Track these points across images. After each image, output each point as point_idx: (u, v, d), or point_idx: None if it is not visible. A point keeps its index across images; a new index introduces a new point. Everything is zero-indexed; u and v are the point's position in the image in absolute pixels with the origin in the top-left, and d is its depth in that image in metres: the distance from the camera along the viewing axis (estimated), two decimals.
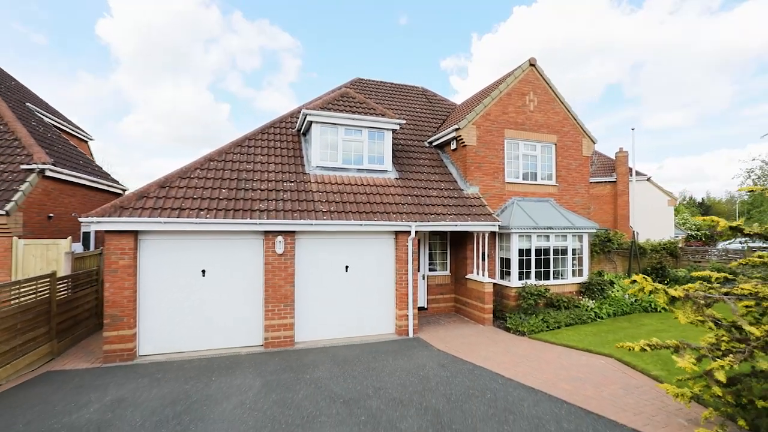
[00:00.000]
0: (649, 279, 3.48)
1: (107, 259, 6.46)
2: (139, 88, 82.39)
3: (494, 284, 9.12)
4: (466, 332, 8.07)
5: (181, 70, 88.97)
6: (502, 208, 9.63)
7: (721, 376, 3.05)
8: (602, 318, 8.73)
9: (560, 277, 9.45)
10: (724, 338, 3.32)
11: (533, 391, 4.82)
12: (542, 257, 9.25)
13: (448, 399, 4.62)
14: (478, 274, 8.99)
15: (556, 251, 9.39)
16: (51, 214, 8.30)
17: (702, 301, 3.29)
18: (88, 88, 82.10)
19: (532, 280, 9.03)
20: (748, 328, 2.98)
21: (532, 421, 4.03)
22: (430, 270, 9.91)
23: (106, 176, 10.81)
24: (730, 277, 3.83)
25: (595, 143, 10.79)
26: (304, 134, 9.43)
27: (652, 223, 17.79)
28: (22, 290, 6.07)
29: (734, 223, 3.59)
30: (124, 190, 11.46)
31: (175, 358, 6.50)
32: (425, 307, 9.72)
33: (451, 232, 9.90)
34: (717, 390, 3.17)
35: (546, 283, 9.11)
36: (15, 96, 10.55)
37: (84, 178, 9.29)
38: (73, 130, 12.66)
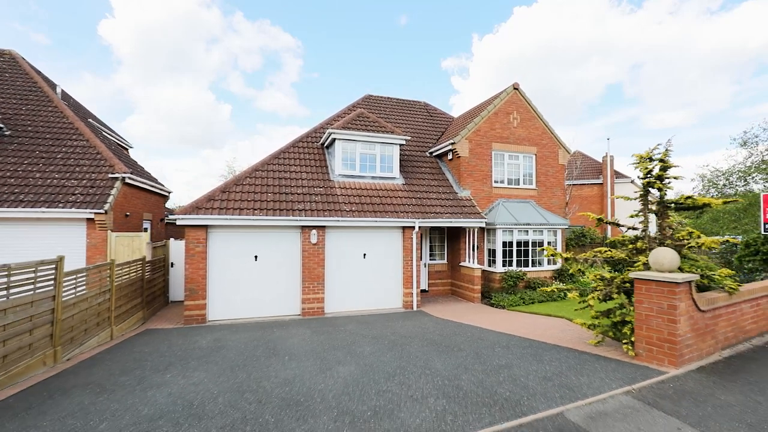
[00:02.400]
0: (552, 248, 6.19)
1: (187, 246, 9.18)
2: (141, 88, 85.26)
3: (483, 270, 11.87)
4: (458, 307, 10.81)
5: (182, 70, 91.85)
6: (490, 208, 12.38)
7: (593, 302, 5.79)
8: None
9: (538, 264, 12.19)
10: (600, 284, 6.02)
11: (499, 333, 7.55)
12: (522, 248, 11.99)
13: (440, 335, 7.36)
14: (469, 262, 11.72)
15: (534, 243, 12.13)
16: (128, 213, 11.01)
17: (581, 260, 6.01)
18: (89, 88, 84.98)
19: (514, 267, 11.77)
20: (606, 274, 5.68)
21: (493, 341, 6.77)
22: (430, 259, 12.66)
23: (155, 181, 13.52)
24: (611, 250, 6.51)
25: (570, 153, 13.54)
26: (327, 147, 12.17)
27: (635, 221, 20.59)
28: (131, 268, 8.82)
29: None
30: (169, 192, 14.19)
31: (236, 322, 9.19)
32: (426, 289, 12.46)
33: (447, 227, 12.65)
34: (593, 312, 5.89)
35: (525, 269, 11.84)
36: (79, 113, 13.27)
37: (147, 183, 12.01)
38: (119, 140, 15.38)
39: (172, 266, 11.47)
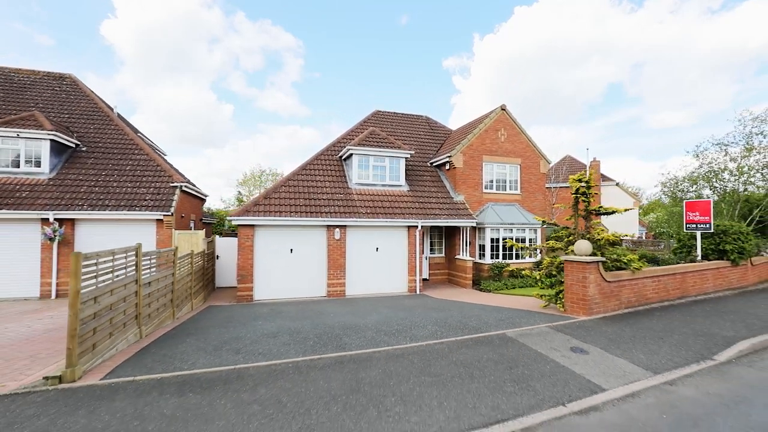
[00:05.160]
0: (512, 240, 9.63)
1: (239, 241, 12.58)
2: (141, 88, 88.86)
3: (474, 262, 15.30)
4: (453, 291, 14.26)
5: (183, 70, 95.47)
6: (481, 210, 15.81)
7: (538, 276, 9.23)
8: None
9: (520, 258, 15.63)
10: (547, 265, 9.44)
11: (480, 304, 10.99)
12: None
13: (437, 305, 10.82)
14: (463, 255, 15.16)
15: (518, 240, 15.56)
16: (183, 215, 14.40)
17: (530, 248, 9.46)
18: (91, 88, 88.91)
19: (500, 259, 15.21)
20: (550, 258, 9.14)
21: (473, 306, 10.21)
22: (431, 253, 16.10)
23: (193, 185, 16.89)
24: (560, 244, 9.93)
25: (550, 164, 16.98)
26: (345, 160, 15.58)
27: (619, 222, 24.02)
28: (197, 258, 12.23)
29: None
30: (206, 196, 17.56)
31: (277, 300, 12.58)
32: (427, 278, 15.91)
33: (445, 226, 16.07)
34: (540, 285, 9.33)
35: (509, 261, 15.29)
36: (131, 129, 16.62)
37: (194, 190, 15.40)
38: (156, 148, 18.73)
39: (217, 258, 14.87)
